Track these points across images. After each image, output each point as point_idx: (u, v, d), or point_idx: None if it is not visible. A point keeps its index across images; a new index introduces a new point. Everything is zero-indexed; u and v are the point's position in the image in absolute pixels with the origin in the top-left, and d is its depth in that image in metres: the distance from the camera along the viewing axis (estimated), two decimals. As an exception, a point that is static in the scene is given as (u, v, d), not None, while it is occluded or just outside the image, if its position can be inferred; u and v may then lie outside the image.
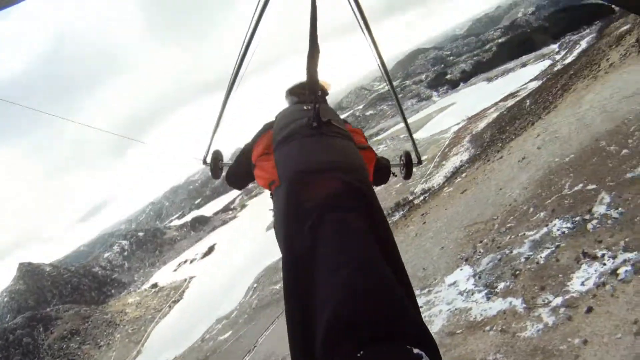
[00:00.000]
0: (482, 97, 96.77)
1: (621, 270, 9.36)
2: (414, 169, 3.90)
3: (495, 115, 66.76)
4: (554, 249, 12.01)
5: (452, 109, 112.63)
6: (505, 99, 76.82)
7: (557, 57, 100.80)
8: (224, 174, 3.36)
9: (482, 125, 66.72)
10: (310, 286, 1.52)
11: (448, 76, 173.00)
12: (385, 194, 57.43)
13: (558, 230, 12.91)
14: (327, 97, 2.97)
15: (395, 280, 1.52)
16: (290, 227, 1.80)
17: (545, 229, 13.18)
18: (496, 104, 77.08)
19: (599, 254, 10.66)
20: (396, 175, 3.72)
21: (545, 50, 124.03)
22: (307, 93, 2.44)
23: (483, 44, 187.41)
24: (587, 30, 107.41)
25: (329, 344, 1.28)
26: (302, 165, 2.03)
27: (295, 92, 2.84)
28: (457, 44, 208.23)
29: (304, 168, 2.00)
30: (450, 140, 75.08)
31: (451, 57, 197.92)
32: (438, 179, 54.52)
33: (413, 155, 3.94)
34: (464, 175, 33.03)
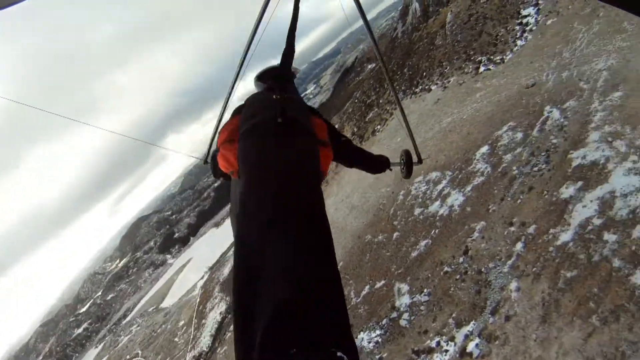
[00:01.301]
0: (216, 243, 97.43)
1: (471, 347, 9.02)
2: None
3: (235, 257, 66.50)
4: (377, 363, 10.99)
5: (191, 265, 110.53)
6: (240, 237, 77.41)
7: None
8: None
9: (226, 270, 65.95)
10: (256, 282, 1.58)
11: (176, 235, 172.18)
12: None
13: (370, 342, 11.88)
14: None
15: (328, 289, 1.60)
16: (241, 223, 1.89)
17: (354, 348, 11.90)
18: (232, 245, 77.01)
19: (433, 344, 10.04)
20: (391, 170, 3.55)
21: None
22: (274, 86, 2.60)
23: (200, 193, 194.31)
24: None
25: (266, 344, 1.35)
26: (258, 165, 2.10)
27: (264, 79, 2.85)
28: (176, 201, 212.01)
29: (259, 169, 2.08)
30: (201, 296, 71.70)
31: (174, 216, 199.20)
32: (205, 340, 50.59)
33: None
34: (231, 328, 31.56)
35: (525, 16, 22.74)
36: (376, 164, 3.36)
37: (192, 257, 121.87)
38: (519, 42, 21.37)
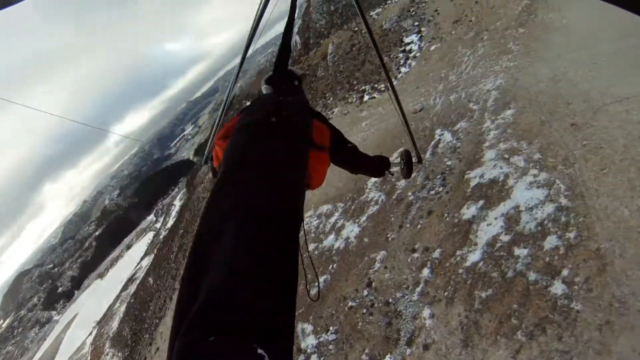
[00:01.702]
0: (102, 295, 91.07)
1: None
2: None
3: (123, 308, 62.30)
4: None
5: (78, 320, 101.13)
6: (125, 287, 73.97)
7: (158, 225, 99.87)
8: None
9: (115, 324, 60.58)
10: (204, 272, 1.53)
11: (60, 289, 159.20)
12: None
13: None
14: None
15: (273, 290, 1.52)
16: (202, 217, 1.83)
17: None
18: (119, 296, 73.33)
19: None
20: (393, 174, 3.68)
21: (143, 224, 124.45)
22: (274, 86, 2.67)
23: (82, 243, 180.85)
24: (176, 189, 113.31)
25: (188, 330, 1.31)
26: (235, 161, 2.08)
27: (271, 82, 2.85)
28: (57, 254, 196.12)
29: (235, 165, 2.06)
30: (92, 354, 66.23)
31: (56, 269, 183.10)
32: (99, 402, 46.74)
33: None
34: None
35: (408, 43, 23.44)
36: (377, 166, 3.41)
37: (78, 312, 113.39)
38: (402, 69, 21.86)
